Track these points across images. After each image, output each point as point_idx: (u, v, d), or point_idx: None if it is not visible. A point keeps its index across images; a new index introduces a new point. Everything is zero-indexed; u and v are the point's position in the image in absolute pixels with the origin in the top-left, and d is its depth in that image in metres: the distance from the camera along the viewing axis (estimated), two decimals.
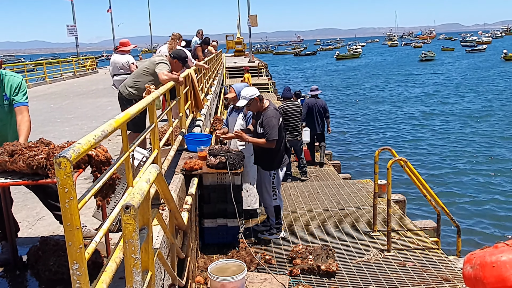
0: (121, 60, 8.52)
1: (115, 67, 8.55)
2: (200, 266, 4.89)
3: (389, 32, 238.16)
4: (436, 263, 5.09)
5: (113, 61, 8.65)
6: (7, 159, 2.66)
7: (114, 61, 8.63)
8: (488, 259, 2.22)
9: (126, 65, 8.44)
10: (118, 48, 8.75)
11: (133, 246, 1.83)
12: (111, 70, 8.75)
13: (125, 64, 8.44)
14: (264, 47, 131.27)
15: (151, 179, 2.16)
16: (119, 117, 2.57)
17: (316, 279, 4.81)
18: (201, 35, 13.23)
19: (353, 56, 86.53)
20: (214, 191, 5.26)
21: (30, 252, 3.16)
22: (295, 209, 7.11)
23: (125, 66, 8.43)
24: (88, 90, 17.07)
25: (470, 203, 11.27)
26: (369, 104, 29.02)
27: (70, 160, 1.68)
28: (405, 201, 7.85)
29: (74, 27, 30.73)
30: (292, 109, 8.95)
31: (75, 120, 9.82)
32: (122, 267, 2.06)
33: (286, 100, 9.24)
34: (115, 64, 8.56)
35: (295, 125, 9.01)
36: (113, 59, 8.71)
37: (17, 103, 3.38)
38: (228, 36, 51.47)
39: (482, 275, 2.21)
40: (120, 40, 8.99)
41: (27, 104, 3.45)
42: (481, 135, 18.56)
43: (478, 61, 58.63)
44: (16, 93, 3.39)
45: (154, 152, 3.77)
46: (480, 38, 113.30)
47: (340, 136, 20.03)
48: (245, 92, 5.46)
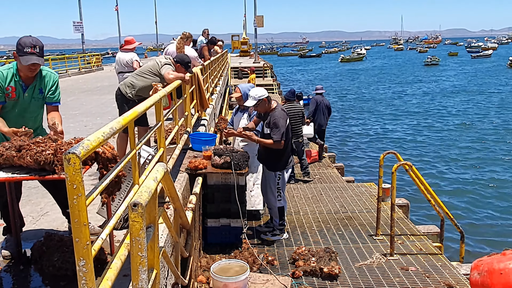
0: (126, 57, 8.61)
1: (120, 64, 8.61)
2: (202, 265, 4.89)
3: (395, 36, 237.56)
4: (439, 269, 5.07)
5: (118, 58, 8.71)
6: (14, 154, 2.66)
7: (119, 58, 8.69)
8: (496, 266, 2.20)
9: (130, 62, 8.49)
10: (123, 46, 8.78)
11: (139, 244, 1.83)
12: (117, 68, 8.79)
13: (129, 62, 8.49)
14: (268, 48, 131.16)
15: (158, 177, 2.16)
16: (127, 114, 2.57)
17: (319, 282, 4.80)
18: (207, 35, 13.22)
19: (357, 59, 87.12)
20: (218, 191, 5.25)
21: (34, 247, 3.16)
22: (298, 211, 7.10)
23: (129, 64, 8.48)
24: (93, 86, 17.11)
25: (474, 209, 11.22)
26: (374, 107, 28.97)
27: (80, 156, 1.68)
28: (409, 206, 7.82)
29: (81, 24, 30.82)
30: (293, 111, 8.97)
31: (80, 116, 9.83)
32: (127, 265, 2.06)
33: (288, 102, 9.27)
34: (120, 61, 8.63)
35: (296, 127, 9.04)
36: (118, 56, 8.76)
37: (54, 102, 3.54)
38: (234, 36, 51.51)
39: (490, 282, 2.20)
40: (125, 38, 9.03)
41: (59, 104, 3.61)
42: (487, 141, 18.50)
43: (484, 68, 58.40)
44: (53, 91, 3.51)
45: (160, 151, 3.77)
46: (486, 44, 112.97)
47: (343, 139, 20.00)
48: (255, 92, 5.46)
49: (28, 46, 3.19)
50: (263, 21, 35.88)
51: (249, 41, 49.47)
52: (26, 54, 3.19)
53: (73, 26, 30.55)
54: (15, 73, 3.32)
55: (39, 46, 3.24)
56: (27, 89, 3.38)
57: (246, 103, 5.56)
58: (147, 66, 5.58)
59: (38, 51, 3.23)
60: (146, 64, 5.81)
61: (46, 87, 3.47)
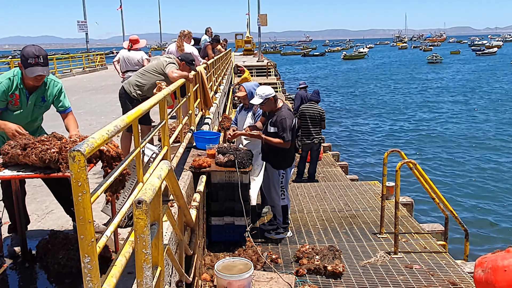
0: (136, 56, 8.64)
1: (130, 63, 8.60)
2: (206, 263, 4.90)
3: (398, 34, 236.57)
4: (443, 267, 5.06)
5: (127, 57, 8.70)
6: (19, 152, 2.68)
7: (128, 57, 8.68)
8: (500, 263, 2.19)
9: (140, 61, 8.55)
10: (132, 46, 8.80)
11: (144, 241, 1.84)
12: (122, 66, 8.78)
13: (140, 61, 8.55)
14: (272, 47, 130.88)
15: (162, 175, 2.17)
16: (131, 113, 2.58)
17: (322, 280, 4.80)
18: (210, 33, 13.23)
19: (359, 56, 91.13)
20: (222, 189, 5.26)
21: (40, 245, 3.18)
22: (302, 209, 7.10)
23: (140, 63, 8.53)
24: (97, 85, 17.16)
25: (478, 207, 11.19)
26: (377, 105, 28.92)
27: (84, 154, 1.69)
28: (413, 204, 7.81)
29: (85, 23, 30.88)
30: (311, 112, 8.91)
31: (85, 115, 9.86)
32: (131, 262, 2.07)
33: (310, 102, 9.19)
34: (130, 60, 8.64)
35: (314, 128, 8.96)
36: (126, 55, 8.74)
37: (65, 109, 3.59)
38: (238, 35, 51.46)
39: (494, 279, 2.19)
40: (130, 36, 9.04)
41: (71, 109, 3.68)
42: (492, 139, 18.43)
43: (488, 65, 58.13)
44: (60, 100, 3.55)
45: (164, 149, 3.78)
46: (490, 42, 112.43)
47: (347, 138, 19.97)
48: (262, 91, 5.46)
49: (32, 57, 3.16)
50: (267, 19, 35.79)
51: (253, 40, 49.43)
52: (30, 65, 3.17)
53: (78, 25, 30.60)
54: (19, 82, 3.31)
55: (43, 55, 3.20)
56: (30, 97, 3.38)
57: (252, 101, 5.56)
58: (151, 65, 5.61)
59: (42, 61, 3.20)
60: (150, 63, 5.84)
61: (50, 96, 3.49)
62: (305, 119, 8.94)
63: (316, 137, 9.06)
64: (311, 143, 9.00)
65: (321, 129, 9.22)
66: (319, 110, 9.04)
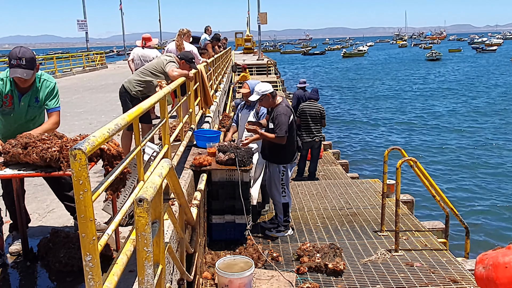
0: (151, 54, 8.71)
1: (145, 61, 8.58)
2: (207, 261, 4.91)
3: (398, 32, 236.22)
4: (444, 264, 5.07)
5: (142, 55, 8.76)
6: (20, 151, 2.68)
7: (143, 55, 8.75)
8: (501, 260, 2.20)
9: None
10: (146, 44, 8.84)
11: (145, 239, 1.84)
12: (138, 65, 8.74)
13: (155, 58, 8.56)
14: (272, 46, 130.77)
15: (163, 173, 2.17)
16: (132, 111, 2.58)
17: (323, 278, 4.81)
18: (210, 32, 13.23)
19: (358, 54, 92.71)
20: (223, 188, 5.27)
21: (41, 243, 3.19)
22: (303, 207, 7.10)
23: None
24: (97, 84, 17.16)
25: (479, 205, 11.19)
26: (378, 103, 28.90)
27: (85, 152, 1.69)
28: (414, 202, 7.80)
29: (85, 22, 30.89)
30: (311, 110, 8.90)
31: (85, 114, 9.87)
32: (132, 260, 2.07)
33: (310, 100, 9.18)
34: (145, 58, 8.67)
35: (315, 126, 8.95)
36: (141, 53, 8.80)
37: (50, 108, 3.44)
38: (238, 33, 51.44)
39: (495, 275, 2.19)
40: (143, 35, 9.15)
41: (59, 109, 3.50)
42: (493, 134, 18.44)
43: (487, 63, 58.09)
44: (49, 98, 3.44)
45: (165, 147, 3.78)
46: (489, 39, 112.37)
47: (347, 136, 19.97)
48: (259, 88, 5.51)
49: (14, 58, 3.10)
50: (267, 18, 35.79)
51: (253, 38, 49.41)
52: (12, 66, 3.12)
53: (77, 24, 30.61)
54: (11, 83, 3.26)
55: (26, 57, 3.11)
56: (22, 98, 3.32)
57: (250, 98, 5.61)
58: (152, 64, 5.61)
59: (24, 64, 3.11)
60: (150, 62, 5.84)
61: (42, 96, 3.42)
62: (305, 117, 8.94)
63: (316, 135, 9.04)
64: (311, 141, 8.99)
65: (322, 127, 9.22)
66: (319, 108, 9.03)
